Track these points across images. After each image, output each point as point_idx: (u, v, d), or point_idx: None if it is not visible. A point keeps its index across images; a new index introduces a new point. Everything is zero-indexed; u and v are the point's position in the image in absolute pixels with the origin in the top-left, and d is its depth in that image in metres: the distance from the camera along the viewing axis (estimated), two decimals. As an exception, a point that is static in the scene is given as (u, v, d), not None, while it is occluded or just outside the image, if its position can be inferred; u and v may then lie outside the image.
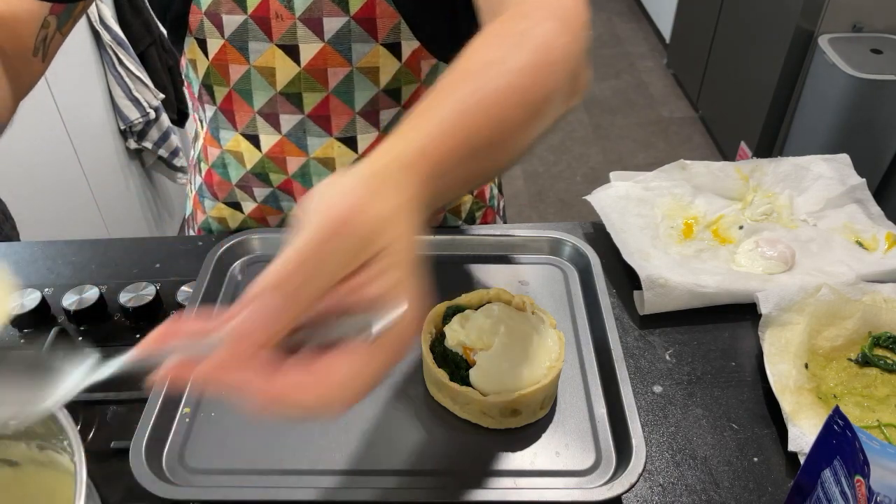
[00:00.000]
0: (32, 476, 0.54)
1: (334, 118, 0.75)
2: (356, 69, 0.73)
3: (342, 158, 0.78)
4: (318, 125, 0.75)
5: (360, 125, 0.76)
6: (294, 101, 0.75)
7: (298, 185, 0.81)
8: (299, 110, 0.75)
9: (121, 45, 1.83)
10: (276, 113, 0.76)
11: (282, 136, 0.77)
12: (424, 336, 0.67)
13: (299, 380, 0.37)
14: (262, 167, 0.81)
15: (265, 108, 0.76)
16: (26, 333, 0.76)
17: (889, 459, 0.49)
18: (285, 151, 0.78)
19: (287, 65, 0.73)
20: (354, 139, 0.77)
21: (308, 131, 0.76)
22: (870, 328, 0.75)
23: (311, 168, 0.79)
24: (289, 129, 0.76)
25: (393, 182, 0.40)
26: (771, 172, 0.97)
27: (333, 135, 0.76)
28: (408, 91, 0.76)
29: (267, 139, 0.78)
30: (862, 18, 2.19)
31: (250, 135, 0.79)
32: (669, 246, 0.87)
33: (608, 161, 2.94)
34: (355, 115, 0.75)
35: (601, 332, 0.71)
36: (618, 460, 0.61)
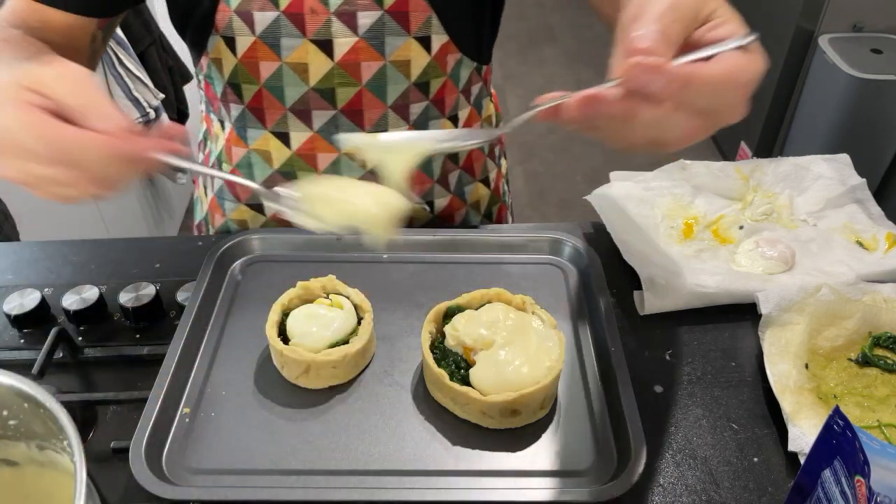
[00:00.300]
0: (32, 476, 0.54)
1: (367, 112, 0.76)
2: (389, 63, 0.74)
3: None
4: (350, 120, 0.76)
5: (391, 119, 0.77)
6: (327, 97, 0.75)
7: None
8: (332, 106, 0.76)
9: (121, 45, 1.83)
10: (309, 109, 0.76)
11: (313, 132, 0.78)
12: (424, 336, 0.67)
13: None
14: (291, 165, 0.81)
15: (297, 104, 0.76)
16: (26, 333, 0.76)
17: (889, 459, 0.49)
18: (316, 148, 0.79)
19: (321, 60, 0.73)
20: (385, 132, 0.78)
21: (340, 126, 0.76)
22: (870, 328, 0.75)
23: (342, 164, 0.79)
24: (321, 125, 0.77)
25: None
26: (771, 172, 0.97)
27: (365, 129, 0.77)
28: (436, 85, 0.77)
29: (298, 136, 0.78)
30: (862, 18, 2.19)
31: (280, 132, 0.79)
32: (669, 246, 0.87)
33: (608, 161, 2.94)
34: (387, 109, 0.76)
35: (601, 332, 0.71)
36: (618, 460, 0.61)
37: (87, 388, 0.71)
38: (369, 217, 0.53)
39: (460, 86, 0.80)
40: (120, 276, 0.84)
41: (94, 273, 0.85)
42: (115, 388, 0.69)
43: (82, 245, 0.89)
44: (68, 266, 0.86)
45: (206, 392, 0.67)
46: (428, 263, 0.82)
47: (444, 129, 0.80)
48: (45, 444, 0.51)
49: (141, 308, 0.76)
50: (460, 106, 0.82)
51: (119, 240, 0.91)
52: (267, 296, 0.75)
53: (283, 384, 0.68)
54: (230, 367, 0.69)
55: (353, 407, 0.66)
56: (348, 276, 0.75)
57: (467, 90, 0.82)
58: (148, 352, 0.73)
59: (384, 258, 0.82)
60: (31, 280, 0.84)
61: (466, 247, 0.83)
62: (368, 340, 0.69)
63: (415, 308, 0.75)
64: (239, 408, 0.66)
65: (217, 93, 0.82)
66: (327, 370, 0.66)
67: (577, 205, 1.02)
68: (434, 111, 0.79)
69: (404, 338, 0.73)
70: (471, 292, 0.72)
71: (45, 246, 0.89)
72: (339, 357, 0.66)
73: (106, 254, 0.88)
